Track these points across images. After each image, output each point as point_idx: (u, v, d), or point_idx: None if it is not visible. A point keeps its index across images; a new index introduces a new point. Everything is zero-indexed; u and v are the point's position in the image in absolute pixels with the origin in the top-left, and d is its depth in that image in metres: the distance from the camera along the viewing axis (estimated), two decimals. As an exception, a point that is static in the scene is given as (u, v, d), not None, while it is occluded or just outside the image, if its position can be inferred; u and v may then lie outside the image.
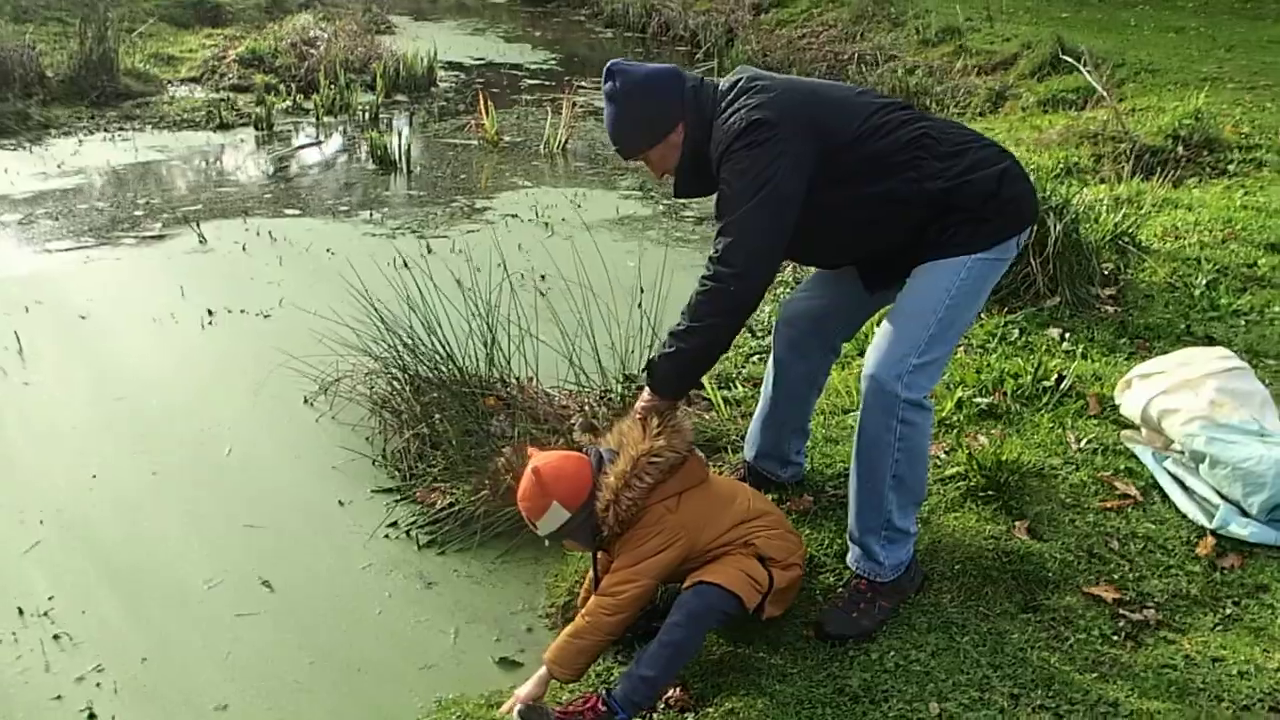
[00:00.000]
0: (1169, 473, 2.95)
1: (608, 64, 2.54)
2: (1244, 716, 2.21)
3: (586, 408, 3.72)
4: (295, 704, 2.70)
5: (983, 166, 2.41)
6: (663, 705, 2.46)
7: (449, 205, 6.87)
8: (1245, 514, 2.76)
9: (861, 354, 3.87)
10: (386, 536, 3.40)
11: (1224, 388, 2.99)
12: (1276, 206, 5.30)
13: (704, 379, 3.67)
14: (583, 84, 10.99)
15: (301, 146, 8.35)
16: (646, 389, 2.55)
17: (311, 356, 4.21)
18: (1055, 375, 3.40)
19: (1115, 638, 2.47)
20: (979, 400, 3.33)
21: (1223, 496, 2.80)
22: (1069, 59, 7.40)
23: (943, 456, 3.08)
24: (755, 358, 4.17)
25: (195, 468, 3.74)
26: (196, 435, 3.94)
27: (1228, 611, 2.53)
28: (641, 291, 3.53)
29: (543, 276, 5.25)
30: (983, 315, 3.97)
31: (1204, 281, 4.23)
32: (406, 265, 4.71)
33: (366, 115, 9.23)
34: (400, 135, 7.91)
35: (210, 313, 4.96)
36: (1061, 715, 2.25)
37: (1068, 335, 3.78)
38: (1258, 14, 11.76)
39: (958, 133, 2.49)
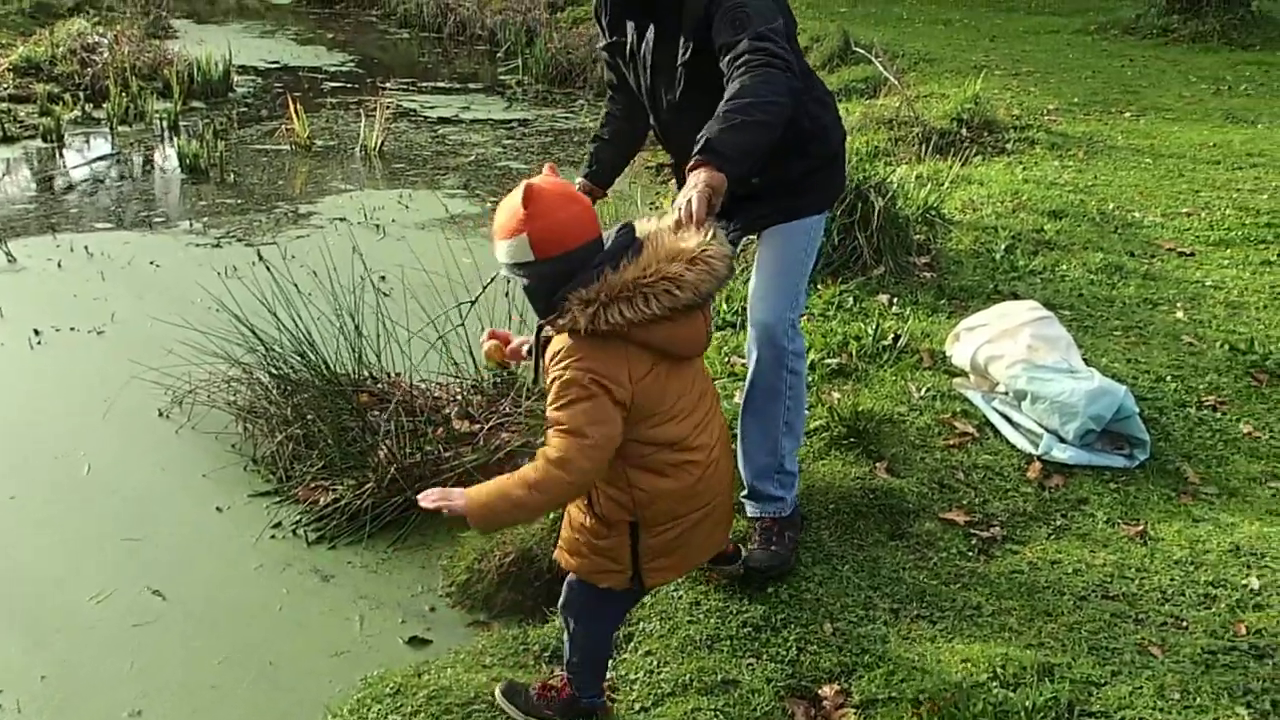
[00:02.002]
0: (997, 411, 3.36)
1: None
2: (1082, 605, 2.59)
3: (460, 397, 3.83)
4: (212, 703, 2.72)
5: (837, 128, 2.71)
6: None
7: (272, 212, 6.74)
8: (1063, 440, 3.18)
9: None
10: (273, 537, 3.41)
11: (1037, 334, 3.44)
12: (1052, 179, 5.98)
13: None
14: (387, 85, 10.91)
15: (101, 157, 7.96)
16: (701, 171, 2.09)
17: (160, 369, 4.13)
18: (891, 335, 3.79)
19: (970, 553, 2.83)
20: (829, 361, 3.66)
21: (1044, 427, 3.22)
22: (862, 50, 7.99)
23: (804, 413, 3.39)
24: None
25: (56, 489, 3.61)
26: (49, 457, 3.80)
27: (1058, 523, 2.94)
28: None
29: (383, 277, 5.28)
30: (819, 286, 4.33)
31: (1003, 247, 4.76)
32: (240, 273, 4.67)
33: (164, 123, 8.87)
34: (210, 142, 7.67)
35: (37, 332, 4.74)
36: (935, 621, 2.57)
37: (895, 300, 4.18)
38: (1010, 8, 12.95)
39: (823, 86, 2.74)
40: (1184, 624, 2.50)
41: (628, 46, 2.63)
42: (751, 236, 2.84)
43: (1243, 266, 4.76)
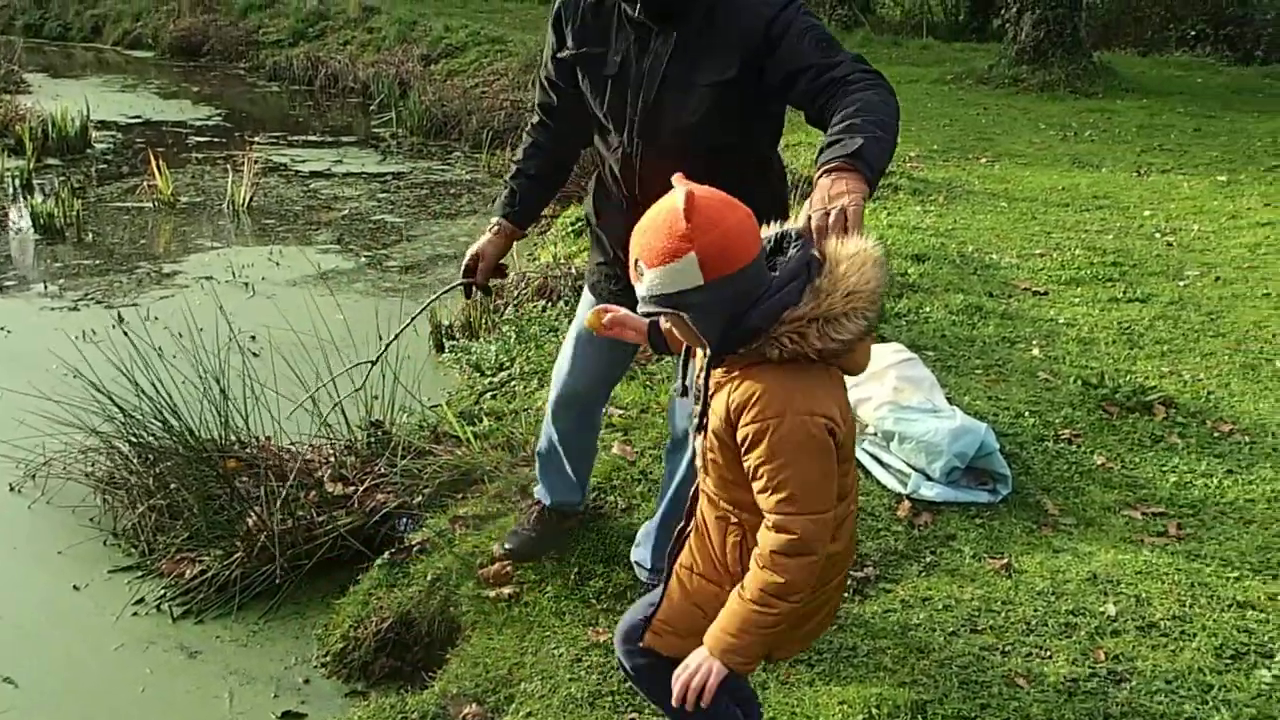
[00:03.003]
0: (867, 452, 3.45)
1: None
2: (952, 641, 2.66)
3: (333, 458, 3.74)
4: (68, 798, 2.57)
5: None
6: (462, 724, 2.58)
7: (134, 272, 6.52)
8: (930, 478, 3.28)
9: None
10: (135, 614, 3.26)
11: (902, 376, 3.55)
12: (915, 224, 6.21)
13: (452, 416, 3.81)
14: (257, 140, 10.70)
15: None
16: (846, 178, 1.81)
17: (11, 441, 3.91)
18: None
19: (845, 594, 2.87)
20: (704, 409, 3.70)
21: (912, 466, 3.32)
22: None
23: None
24: (489, 394, 4.35)
25: (-108, 574, 3.39)
26: (-115, 539, 3.57)
27: (928, 560, 3.02)
28: (381, 339, 3.62)
29: (253, 337, 5.15)
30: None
31: (868, 290, 4.91)
32: (99, 337, 4.49)
33: (17, 182, 8.51)
34: (66, 201, 7.37)
35: (-127, 407, 4.45)
36: (813, 665, 2.60)
37: (767, 345, 4.27)
38: (873, 58, 13.36)
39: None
40: (1047, 653, 2.59)
41: (610, 59, 2.32)
42: None
43: (1092, 304, 5.02)
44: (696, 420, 1.82)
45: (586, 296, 2.70)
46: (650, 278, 1.66)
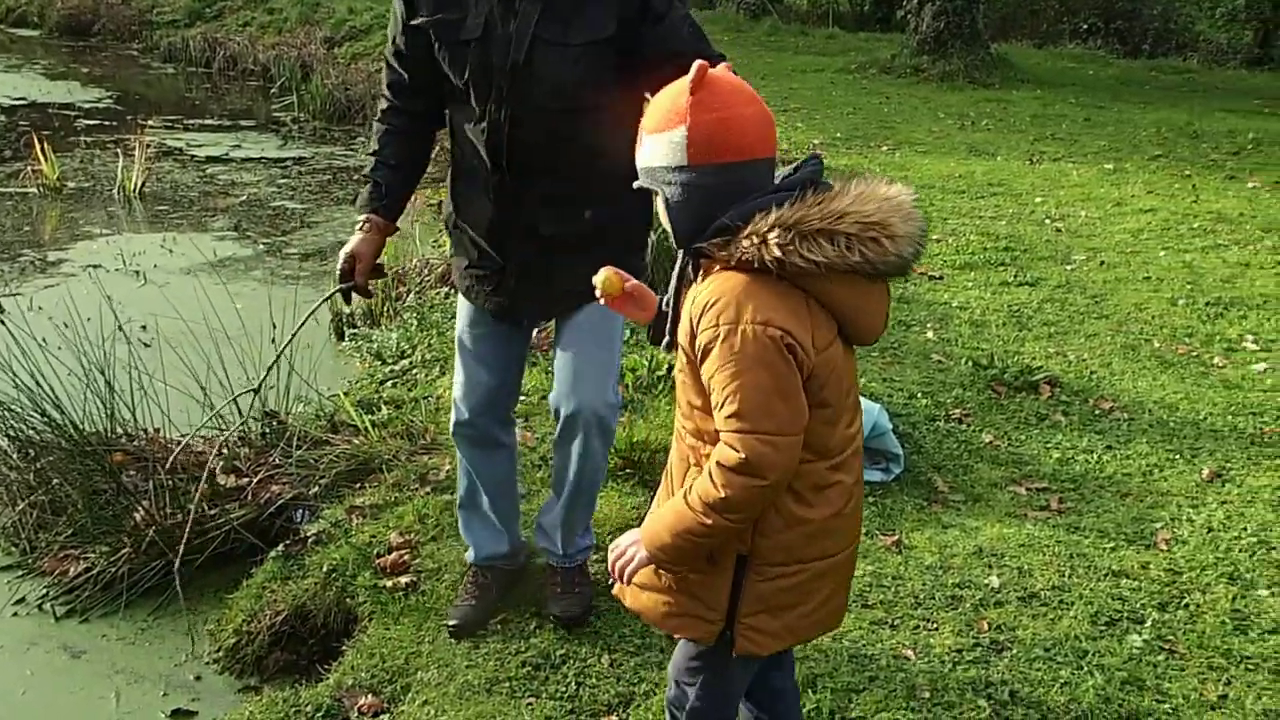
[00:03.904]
0: (765, 434, 3.50)
1: None
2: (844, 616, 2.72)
3: (225, 450, 3.65)
4: (-59, 806, 2.47)
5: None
6: (356, 713, 2.55)
7: (15, 260, 6.28)
8: (825, 459, 3.34)
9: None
10: (15, 614, 3.15)
11: (797, 358, 3.61)
12: (814, 209, 6.31)
13: (350, 405, 3.76)
14: (151, 123, 10.36)
15: None
16: None
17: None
18: (666, 365, 3.89)
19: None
20: (604, 394, 3.72)
21: (807, 447, 3.38)
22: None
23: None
24: (390, 382, 4.30)
25: None
26: None
27: (823, 538, 3.07)
28: (275, 327, 3.55)
29: (144, 327, 5.00)
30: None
31: (769, 275, 4.98)
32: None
33: (-111, 166, 8.13)
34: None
35: None
36: (710, 645, 2.64)
37: (668, 331, 4.30)
38: (780, 47, 13.64)
39: None
40: (934, 625, 2.66)
41: (470, 23, 2.21)
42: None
43: (984, 288, 5.16)
44: (667, 339, 1.75)
45: (462, 303, 2.60)
46: (648, 145, 1.62)
